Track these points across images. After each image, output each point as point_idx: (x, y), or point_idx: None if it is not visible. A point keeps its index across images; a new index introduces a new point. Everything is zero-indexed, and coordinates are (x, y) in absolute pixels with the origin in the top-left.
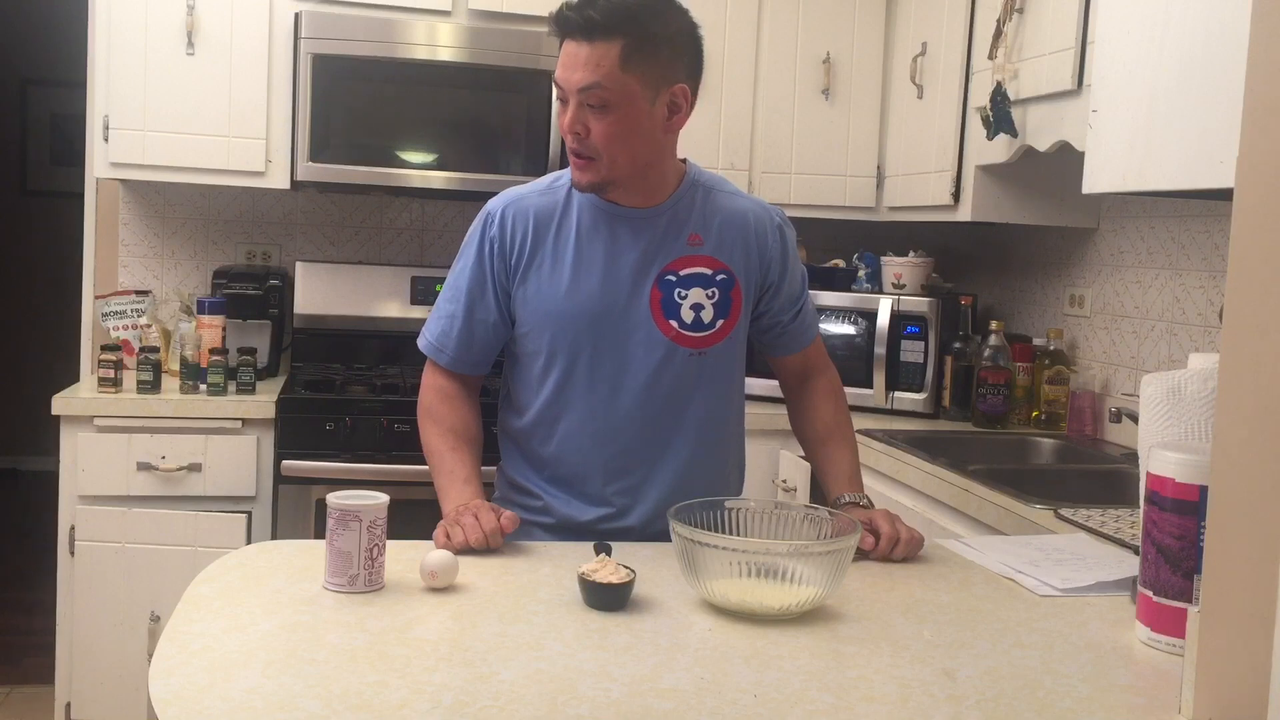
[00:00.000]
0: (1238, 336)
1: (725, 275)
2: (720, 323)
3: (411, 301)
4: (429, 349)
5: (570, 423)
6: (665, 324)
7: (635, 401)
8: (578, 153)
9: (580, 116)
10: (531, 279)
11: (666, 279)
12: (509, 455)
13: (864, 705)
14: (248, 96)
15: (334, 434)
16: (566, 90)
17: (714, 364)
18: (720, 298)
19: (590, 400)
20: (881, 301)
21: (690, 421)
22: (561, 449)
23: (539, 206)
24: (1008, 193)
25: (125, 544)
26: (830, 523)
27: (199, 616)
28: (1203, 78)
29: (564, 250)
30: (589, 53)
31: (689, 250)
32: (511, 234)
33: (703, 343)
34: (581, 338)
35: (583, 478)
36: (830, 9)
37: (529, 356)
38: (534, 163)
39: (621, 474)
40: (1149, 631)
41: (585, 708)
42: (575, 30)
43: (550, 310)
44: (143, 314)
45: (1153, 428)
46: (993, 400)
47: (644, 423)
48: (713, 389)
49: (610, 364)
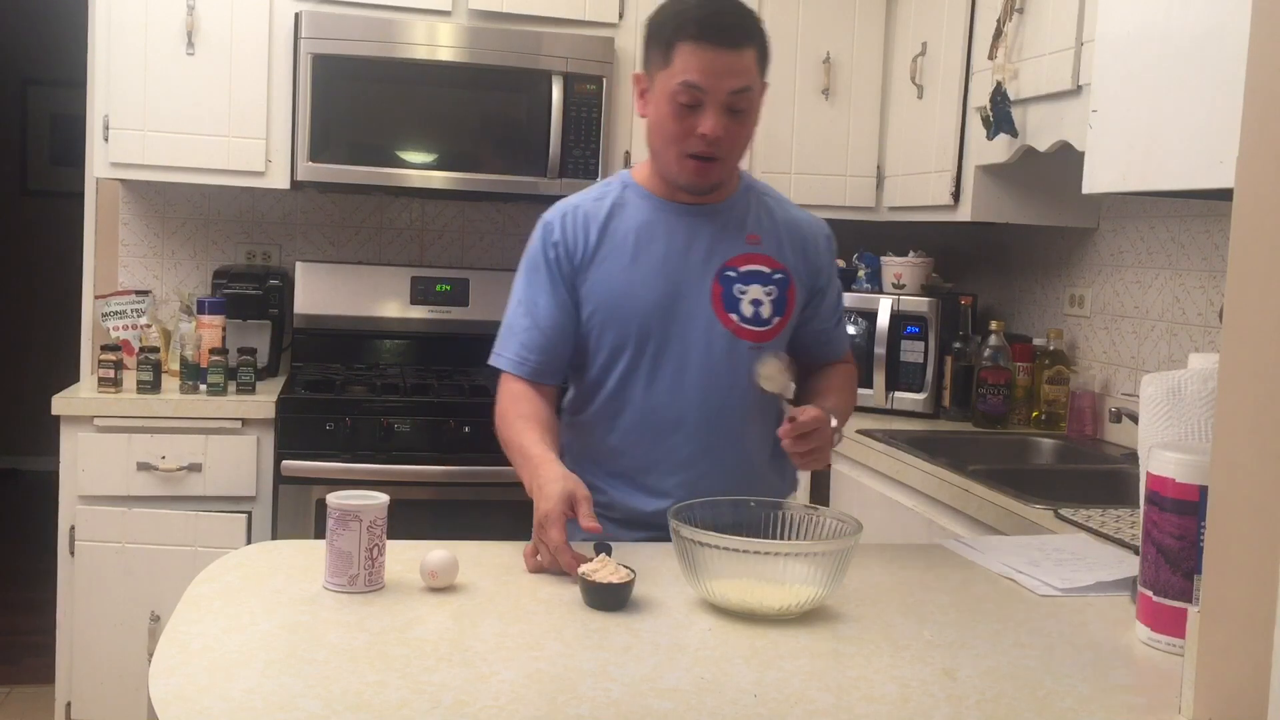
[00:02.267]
0: (1238, 336)
1: (782, 275)
2: (777, 320)
3: (411, 301)
4: (510, 365)
5: (632, 415)
6: (726, 317)
7: (697, 393)
8: (707, 155)
9: (721, 120)
10: (595, 275)
11: (727, 274)
12: (571, 452)
13: (864, 705)
14: (248, 96)
15: (334, 434)
16: (714, 94)
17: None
18: (778, 295)
19: (653, 392)
20: (881, 301)
21: (749, 415)
22: (624, 441)
23: (594, 210)
24: (1008, 193)
25: (125, 544)
26: (830, 523)
27: (199, 616)
28: (1203, 77)
29: (625, 246)
30: (737, 59)
31: (748, 248)
32: (573, 236)
33: (761, 337)
34: (645, 330)
35: (645, 470)
36: (830, 9)
37: (592, 353)
38: (534, 163)
39: (683, 466)
40: (1149, 631)
41: (585, 708)
42: (723, 37)
43: (614, 304)
44: (143, 314)
45: (1153, 428)
46: (993, 400)
47: (706, 414)
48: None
49: (673, 356)
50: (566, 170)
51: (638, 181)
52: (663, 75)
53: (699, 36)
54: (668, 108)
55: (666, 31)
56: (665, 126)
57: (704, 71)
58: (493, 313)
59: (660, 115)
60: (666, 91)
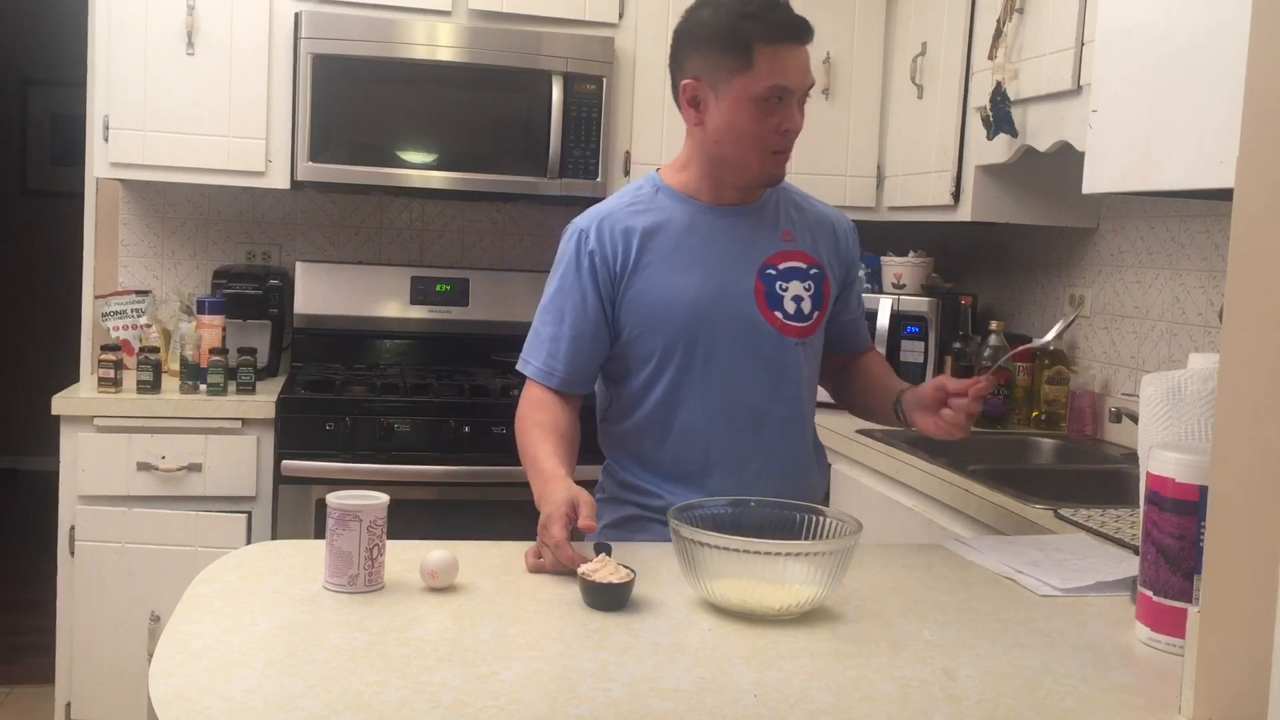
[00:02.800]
0: (1238, 336)
1: (818, 270)
2: (816, 314)
3: (411, 301)
4: (537, 374)
5: (686, 419)
6: (770, 314)
7: (750, 392)
8: (785, 149)
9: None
10: (637, 283)
11: (767, 272)
12: (618, 459)
13: (864, 705)
14: (248, 96)
15: (334, 434)
16: (798, 90)
17: (812, 354)
18: (815, 290)
19: (706, 394)
20: (881, 301)
21: (799, 411)
22: (679, 447)
23: (629, 216)
24: (1008, 193)
25: (125, 544)
26: (830, 523)
27: (199, 616)
28: (1203, 77)
29: (666, 251)
30: (805, 55)
31: (784, 245)
32: (611, 244)
33: (805, 332)
34: (694, 332)
35: (703, 473)
36: (830, 9)
37: (639, 360)
38: (534, 163)
39: (740, 466)
40: (1149, 631)
41: (585, 708)
42: (799, 35)
43: (661, 310)
44: (143, 314)
45: (1153, 428)
46: (993, 400)
47: (759, 413)
48: (811, 378)
49: (723, 356)
50: (566, 170)
51: (670, 185)
52: (742, 79)
53: (781, 38)
54: (752, 109)
55: (739, 35)
56: (746, 129)
57: (792, 71)
58: (493, 313)
59: (739, 118)
60: (749, 95)
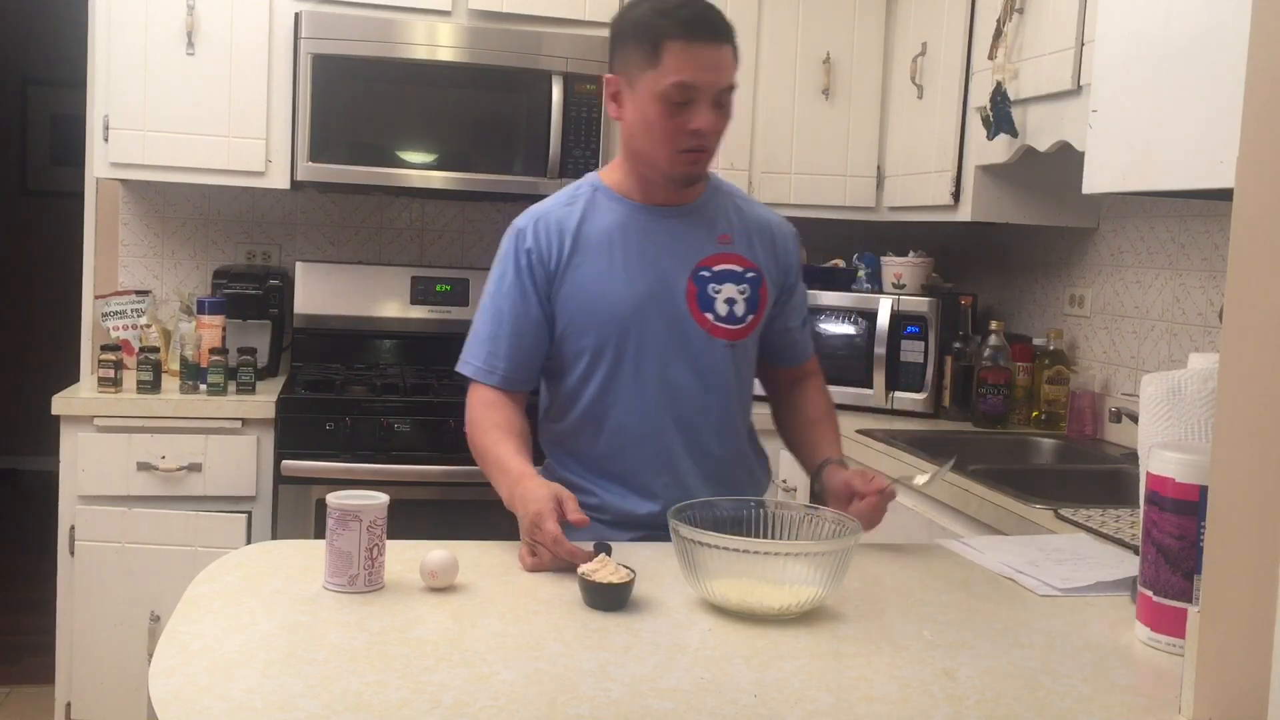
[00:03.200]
0: (1238, 336)
1: (755, 273)
2: (750, 317)
3: (411, 301)
4: (477, 373)
5: (617, 418)
6: (702, 316)
7: (680, 392)
8: (698, 148)
9: (711, 114)
10: (571, 281)
11: (701, 274)
12: (557, 457)
13: (864, 705)
14: (248, 96)
15: (334, 434)
16: (708, 90)
17: (744, 356)
18: (751, 294)
19: (636, 393)
20: (881, 301)
21: (728, 412)
22: (611, 445)
23: (566, 215)
24: (1008, 193)
25: (125, 544)
26: (830, 523)
27: (199, 616)
28: (1202, 77)
29: (600, 250)
30: (722, 54)
31: (720, 248)
32: (547, 242)
33: (737, 335)
34: (625, 331)
35: (634, 471)
36: (830, 9)
37: (572, 358)
38: (534, 163)
39: (671, 466)
40: (1149, 631)
41: (585, 708)
42: (709, 34)
43: (593, 308)
44: (143, 314)
45: (1153, 428)
46: (993, 400)
47: (689, 413)
48: (743, 381)
49: (653, 356)
50: (566, 170)
51: (607, 185)
52: (650, 75)
53: (689, 35)
54: (658, 107)
55: (651, 32)
56: (654, 126)
57: (698, 69)
58: None
59: (648, 115)
60: (656, 91)
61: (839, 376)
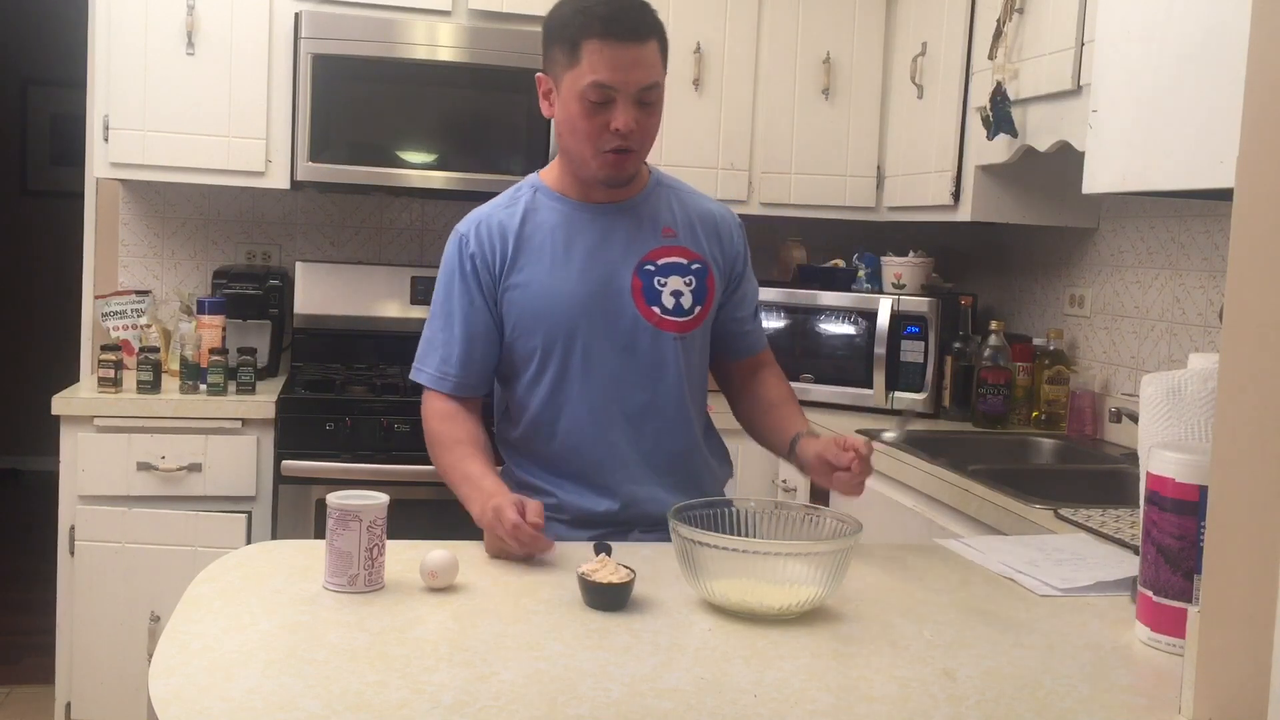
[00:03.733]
0: (1238, 336)
1: (700, 264)
2: (698, 309)
3: (411, 301)
4: (430, 380)
5: (569, 418)
6: (648, 310)
7: (630, 387)
8: (623, 148)
9: (633, 113)
10: (516, 283)
11: (645, 268)
12: (514, 459)
13: (864, 705)
14: (248, 96)
15: (334, 434)
16: (623, 90)
17: (694, 348)
18: (697, 285)
19: (587, 391)
20: (881, 301)
21: (681, 404)
22: (564, 445)
23: (507, 218)
24: (1008, 193)
25: (125, 544)
26: (830, 523)
27: (199, 616)
28: (1203, 77)
29: (543, 251)
30: (641, 53)
31: (664, 241)
32: (490, 245)
33: (685, 327)
34: (572, 330)
35: (590, 470)
36: (830, 9)
37: (522, 361)
38: (534, 162)
39: (625, 462)
40: (1149, 631)
41: (585, 708)
42: (627, 33)
43: (538, 309)
44: (143, 314)
45: (1153, 428)
46: (993, 400)
47: (640, 408)
48: (694, 373)
49: (602, 353)
50: None
51: (547, 184)
52: (571, 75)
53: (605, 34)
54: (578, 106)
55: (570, 31)
56: (577, 125)
57: (613, 68)
58: None
59: (570, 114)
60: (576, 90)
61: (839, 376)
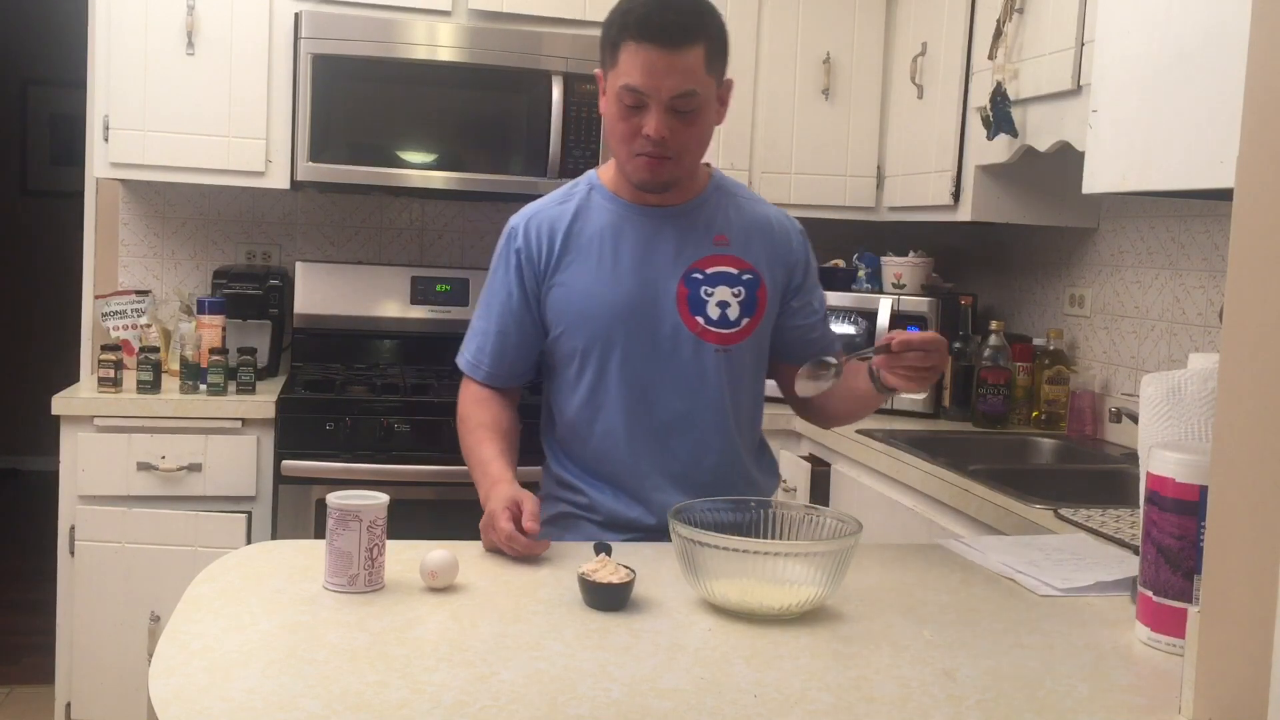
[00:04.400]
0: (1238, 336)
1: (751, 275)
2: (746, 321)
3: (411, 301)
4: (466, 367)
5: (606, 421)
6: (691, 319)
7: (668, 397)
8: (657, 154)
9: (667, 120)
10: (561, 281)
11: (693, 276)
12: (554, 455)
13: (864, 705)
14: (248, 96)
15: (334, 434)
16: (654, 96)
17: (739, 361)
18: (746, 296)
19: (624, 396)
20: (881, 301)
21: (720, 420)
22: (600, 447)
23: (558, 215)
24: (1008, 193)
25: (125, 544)
26: (830, 523)
27: (199, 616)
28: (1203, 77)
29: (591, 251)
30: (677, 59)
31: (715, 250)
32: (537, 242)
33: (729, 339)
34: (613, 334)
35: (621, 476)
36: (830, 9)
37: (564, 359)
38: (534, 163)
39: (660, 470)
40: (1149, 631)
41: (585, 708)
42: (662, 37)
43: (582, 309)
44: (143, 314)
45: (1153, 428)
46: (993, 400)
47: (676, 418)
48: (739, 386)
49: (641, 359)
50: (566, 170)
51: (603, 183)
52: (611, 75)
53: (640, 36)
54: (615, 107)
55: (613, 30)
56: (614, 126)
57: (644, 73)
58: None
59: (609, 114)
60: (613, 91)
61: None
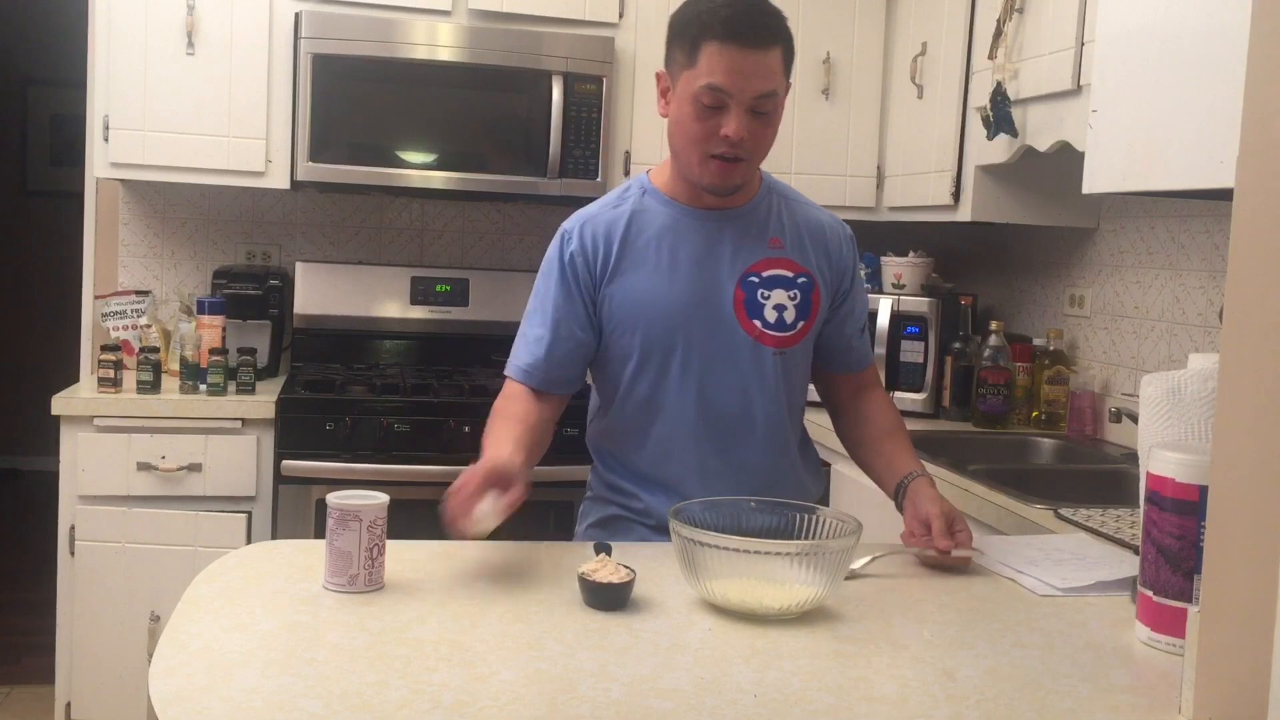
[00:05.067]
0: (1238, 336)
1: (806, 278)
2: (801, 324)
3: (411, 301)
4: (519, 374)
5: (663, 424)
6: (749, 323)
7: (726, 401)
8: (731, 156)
9: (746, 121)
10: (618, 282)
11: (749, 279)
12: (604, 460)
13: (864, 705)
14: (248, 96)
15: (334, 434)
16: (737, 96)
17: (794, 363)
18: (801, 299)
19: (681, 400)
20: (881, 301)
21: (775, 421)
22: (655, 453)
23: (613, 218)
24: (1008, 193)
25: (125, 544)
26: (830, 523)
27: (199, 616)
28: (1202, 78)
29: (648, 253)
30: (761, 60)
31: (771, 252)
32: (592, 245)
33: (785, 342)
34: (671, 340)
35: (678, 479)
36: (830, 9)
37: (618, 360)
38: (534, 163)
39: (716, 474)
40: (1149, 631)
41: (585, 708)
42: (748, 37)
43: (639, 310)
44: (143, 314)
45: (1153, 428)
46: (993, 400)
47: (733, 422)
48: (793, 388)
49: (699, 362)
50: (566, 170)
51: (656, 186)
52: (687, 75)
53: (725, 37)
54: (691, 108)
55: (692, 30)
56: (688, 127)
57: (730, 73)
58: (493, 313)
59: (683, 115)
60: (690, 92)
61: None
